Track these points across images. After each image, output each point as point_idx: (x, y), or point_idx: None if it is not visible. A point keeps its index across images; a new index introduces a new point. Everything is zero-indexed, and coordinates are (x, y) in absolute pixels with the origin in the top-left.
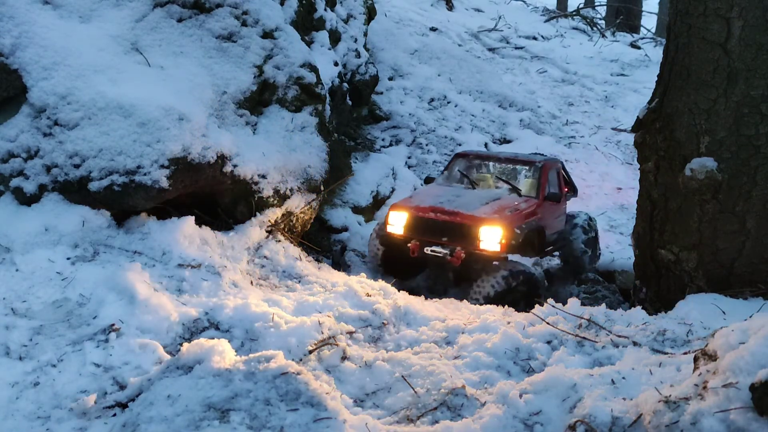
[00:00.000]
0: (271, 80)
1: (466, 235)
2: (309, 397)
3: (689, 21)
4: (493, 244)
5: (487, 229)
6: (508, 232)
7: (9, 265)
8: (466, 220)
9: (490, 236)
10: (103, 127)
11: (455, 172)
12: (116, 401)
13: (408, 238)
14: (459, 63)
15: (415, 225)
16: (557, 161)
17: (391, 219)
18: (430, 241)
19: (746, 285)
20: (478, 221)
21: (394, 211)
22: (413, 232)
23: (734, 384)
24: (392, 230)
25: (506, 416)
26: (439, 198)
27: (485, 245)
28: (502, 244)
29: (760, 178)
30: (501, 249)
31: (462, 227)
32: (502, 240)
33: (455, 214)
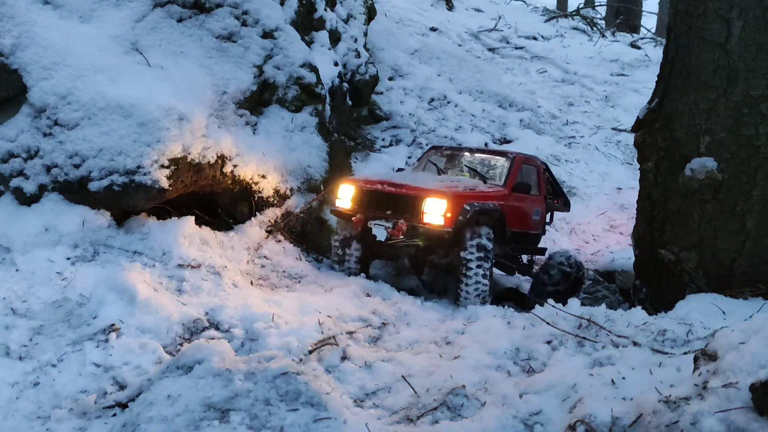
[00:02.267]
0: (271, 80)
1: (410, 208)
2: (309, 397)
3: (689, 21)
4: (437, 217)
5: (432, 201)
6: (455, 207)
7: (9, 265)
8: (411, 191)
9: (434, 209)
10: (103, 127)
11: (426, 162)
12: (116, 401)
13: (354, 212)
14: (459, 63)
15: (361, 198)
16: (538, 161)
17: (340, 193)
18: (375, 215)
19: (746, 285)
20: (423, 192)
21: (342, 184)
22: (359, 205)
23: (734, 384)
24: (340, 204)
25: (506, 416)
26: (394, 176)
27: (429, 218)
28: (447, 218)
29: (760, 178)
30: (445, 223)
31: (406, 199)
32: (447, 213)
33: (402, 187)
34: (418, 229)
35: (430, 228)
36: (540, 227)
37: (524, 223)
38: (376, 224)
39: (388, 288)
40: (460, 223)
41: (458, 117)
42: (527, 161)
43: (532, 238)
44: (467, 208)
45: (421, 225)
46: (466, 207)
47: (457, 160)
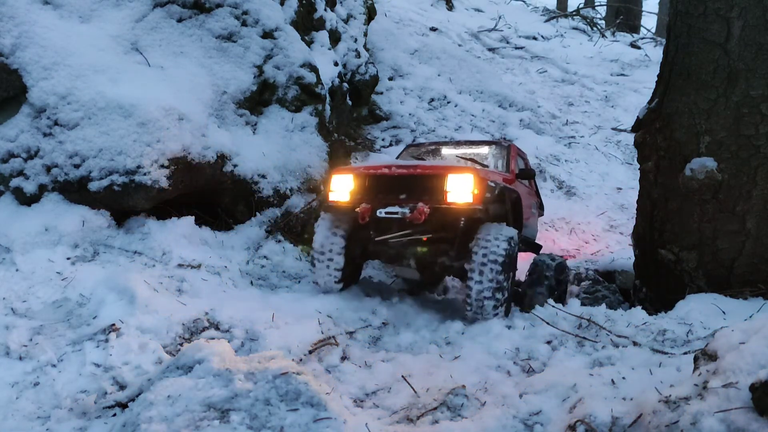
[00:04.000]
0: (271, 80)
1: (430, 188)
2: (309, 397)
3: (689, 21)
4: (465, 194)
5: (456, 177)
6: (482, 183)
7: (9, 265)
8: (428, 170)
9: (461, 185)
10: (103, 127)
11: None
12: (116, 401)
13: (356, 204)
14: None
15: (364, 186)
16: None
17: (334, 185)
18: (386, 202)
19: (746, 285)
20: (444, 169)
21: (337, 174)
22: (362, 194)
23: (734, 384)
24: (336, 198)
25: (506, 416)
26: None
27: (454, 197)
28: (476, 195)
29: (760, 178)
30: (474, 200)
31: (424, 179)
32: (475, 190)
33: (415, 167)
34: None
35: (458, 207)
36: (536, 223)
37: (528, 214)
38: (387, 212)
39: (388, 288)
40: (488, 200)
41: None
42: (519, 152)
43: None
44: (492, 185)
45: (445, 205)
46: (491, 183)
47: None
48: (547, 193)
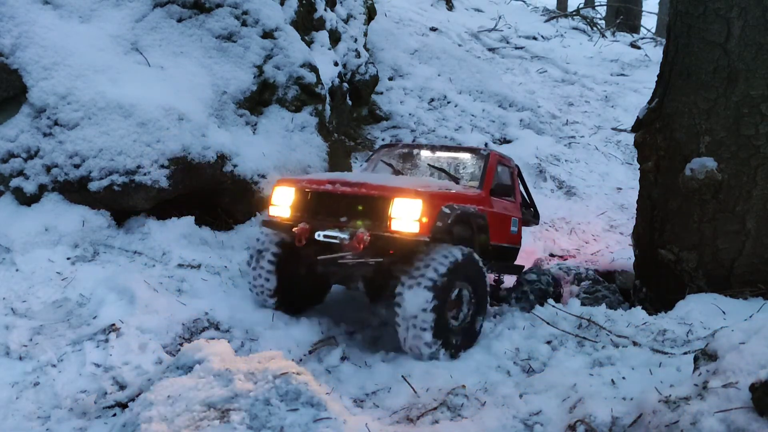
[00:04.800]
0: (271, 80)
1: (373, 212)
2: (309, 397)
3: (689, 21)
4: (410, 223)
5: (402, 202)
6: (432, 209)
7: (9, 265)
8: (374, 191)
9: (406, 212)
10: (103, 127)
11: (377, 163)
12: (116, 401)
13: (295, 222)
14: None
15: (305, 202)
16: (512, 162)
17: (276, 197)
18: (325, 224)
19: (746, 285)
20: (390, 192)
21: (279, 186)
22: (303, 212)
23: (734, 384)
24: (276, 212)
25: (506, 416)
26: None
27: (399, 225)
28: (423, 224)
29: (760, 178)
30: (420, 230)
31: (368, 201)
32: (423, 218)
33: (361, 186)
34: (386, 239)
35: (400, 238)
36: (518, 241)
37: (503, 236)
38: (326, 236)
39: None
40: (437, 230)
41: (458, 117)
42: (502, 161)
43: (510, 254)
44: (446, 211)
45: (388, 234)
46: (445, 210)
47: (417, 159)
48: (547, 193)
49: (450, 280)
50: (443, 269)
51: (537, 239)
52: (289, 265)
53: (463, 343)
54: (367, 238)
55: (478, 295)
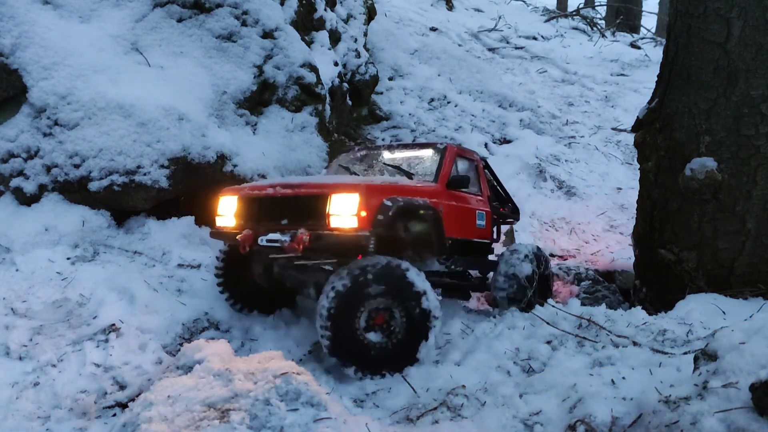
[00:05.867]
0: (271, 80)
1: (312, 211)
2: (309, 397)
3: (689, 21)
4: (348, 218)
5: (340, 197)
6: (371, 202)
7: (9, 265)
8: (313, 189)
9: (344, 207)
10: (103, 127)
11: (336, 167)
12: (116, 401)
13: (240, 230)
14: (459, 63)
15: (248, 209)
16: (476, 155)
17: (221, 208)
18: (268, 228)
19: (746, 285)
20: (327, 188)
21: (223, 196)
22: (246, 218)
23: (734, 384)
24: (222, 223)
25: (506, 416)
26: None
27: (337, 221)
28: (362, 218)
29: (760, 178)
30: (360, 225)
31: (308, 200)
32: (362, 212)
33: (300, 186)
34: (326, 237)
35: (340, 234)
36: (487, 235)
37: (467, 229)
38: (269, 240)
39: None
40: (379, 224)
41: (458, 117)
42: (462, 154)
43: (478, 249)
44: (388, 204)
45: (327, 231)
46: (387, 202)
47: (373, 160)
48: (547, 193)
49: (358, 293)
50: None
51: (537, 239)
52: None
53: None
54: (306, 237)
55: (410, 313)
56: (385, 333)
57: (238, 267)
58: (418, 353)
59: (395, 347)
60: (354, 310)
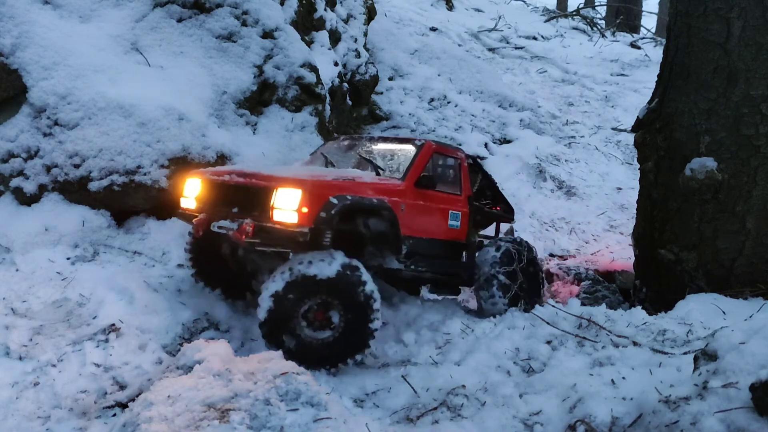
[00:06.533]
0: (271, 80)
1: (258, 202)
2: (309, 397)
3: (689, 21)
4: (289, 213)
5: (284, 192)
6: (314, 199)
7: (9, 265)
8: (262, 181)
9: (287, 201)
10: (103, 127)
11: (318, 155)
12: (116, 401)
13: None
14: (459, 63)
15: (206, 193)
16: (461, 153)
17: (186, 189)
18: (220, 214)
19: (746, 285)
20: (274, 181)
21: (189, 178)
22: (204, 202)
23: (734, 384)
24: (186, 204)
25: (506, 416)
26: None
27: (280, 215)
28: (303, 215)
29: (760, 178)
30: (300, 221)
31: (254, 191)
32: (302, 208)
33: (253, 176)
34: (268, 230)
35: (282, 229)
36: (462, 236)
37: (435, 229)
38: (219, 227)
39: (389, 288)
40: (322, 221)
41: (458, 117)
42: (443, 151)
43: (448, 249)
44: (333, 202)
45: (270, 224)
46: (333, 200)
47: (353, 151)
48: (547, 193)
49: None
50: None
51: (537, 239)
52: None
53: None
54: (250, 228)
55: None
56: (325, 328)
57: (207, 245)
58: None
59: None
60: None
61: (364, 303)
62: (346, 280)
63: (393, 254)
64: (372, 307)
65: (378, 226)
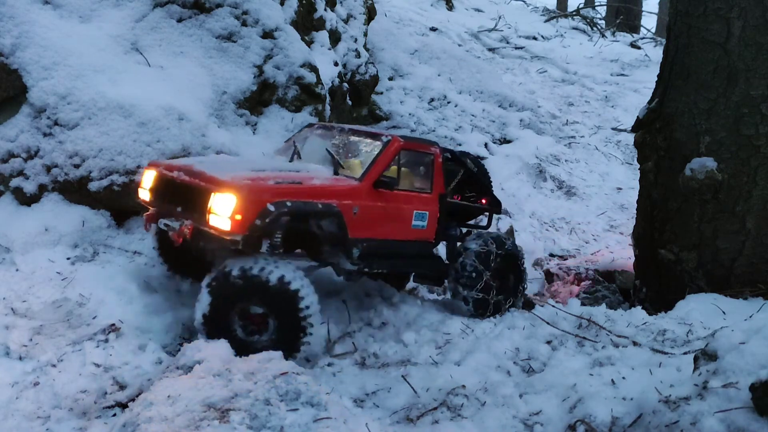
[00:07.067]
0: (271, 80)
1: (199, 204)
2: (309, 397)
3: (689, 21)
4: (223, 220)
5: (220, 196)
6: (250, 205)
7: (9, 265)
8: (203, 182)
9: (222, 207)
10: (103, 127)
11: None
12: (116, 401)
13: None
14: (459, 63)
15: (157, 188)
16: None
17: (143, 179)
18: (166, 212)
19: (746, 285)
20: (214, 184)
21: (147, 168)
22: (156, 196)
23: (734, 384)
24: (142, 195)
25: (506, 416)
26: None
27: (215, 220)
28: (236, 222)
29: (760, 178)
30: (232, 228)
31: (196, 192)
32: (236, 215)
33: (198, 176)
34: (203, 234)
35: (216, 234)
36: (429, 235)
37: (394, 230)
38: (164, 224)
39: (389, 288)
40: (256, 229)
41: (458, 117)
42: (413, 147)
43: (412, 249)
44: (270, 209)
45: (206, 228)
46: (270, 207)
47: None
48: (547, 193)
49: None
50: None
51: (537, 239)
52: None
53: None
54: (187, 231)
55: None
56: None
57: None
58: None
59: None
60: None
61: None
62: (280, 290)
63: (344, 257)
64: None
65: (330, 227)
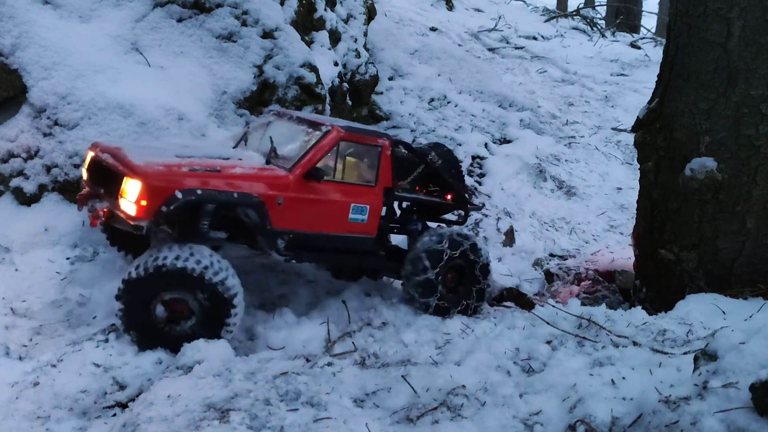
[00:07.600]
0: (271, 80)
1: (115, 187)
2: (309, 397)
3: (689, 21)
4: (130, 205)
5: (130, 181)
6: (156, 192)
7: (9, 265)
8: (120, 165)
9: (131, 192)
10: (103, 127)
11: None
12: (116, 401)
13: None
14: (459, 63)
15: (90, 168)
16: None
17: (85, 160)
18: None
19: (746, 285)
20: (129, 169)
21: (90, 150)
22: (88, 177)
23: (734, 384)
24: (83, 176)
25: (506, 416)
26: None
27: (124, 204)
28: (141, 207)
29: (760, 178)
30: (138, 213)
31: (114, 176)
32: (142, 200)
33: (120, 159)
34: (115, 217)
35: (126, 219)
36: (370, 230)
37: (326, 223)
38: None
39: (389, 288)
40: (161, 216)
41: (458, 117)
42: (355, 139)
43: (350, 244)
44: (178, 196)
45: (118, 212)
46: (177, 194)
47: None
48: (547, 193)
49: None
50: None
51: (537, 239)
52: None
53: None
54: (102, 214)
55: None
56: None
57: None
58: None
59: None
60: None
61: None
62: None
63: (267, 247)
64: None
65: (252, 217)
